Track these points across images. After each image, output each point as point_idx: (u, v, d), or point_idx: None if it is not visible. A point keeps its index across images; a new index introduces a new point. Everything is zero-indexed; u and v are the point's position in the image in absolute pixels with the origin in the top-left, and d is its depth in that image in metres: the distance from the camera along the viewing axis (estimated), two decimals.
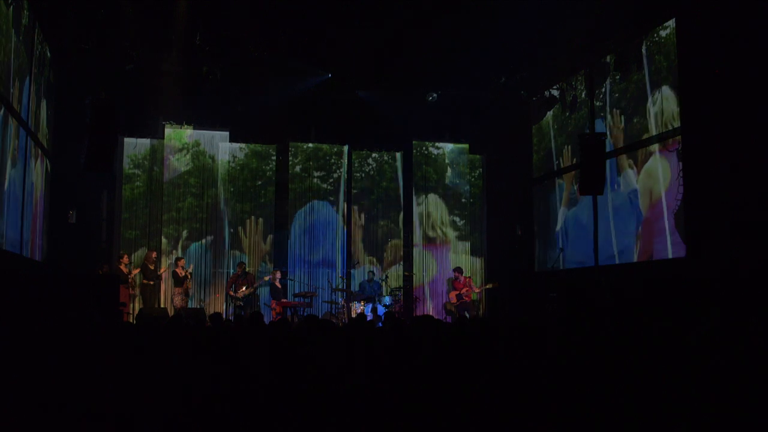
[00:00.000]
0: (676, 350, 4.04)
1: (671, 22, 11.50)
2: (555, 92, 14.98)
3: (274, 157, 16.25)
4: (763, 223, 9.02)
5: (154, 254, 14.48)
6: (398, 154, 17.04)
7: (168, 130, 15.44)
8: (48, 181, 13.01)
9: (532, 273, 15.76)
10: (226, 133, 15.88)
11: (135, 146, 15.39)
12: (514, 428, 3.40)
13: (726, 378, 3.58)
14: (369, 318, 13.70)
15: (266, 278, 15.10)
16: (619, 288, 11.81)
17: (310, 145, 16.51)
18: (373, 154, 16.95)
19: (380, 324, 11.52)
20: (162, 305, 14.29)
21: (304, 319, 6.61)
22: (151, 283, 14.11)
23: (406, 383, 3.72)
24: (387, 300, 15.11)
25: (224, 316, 14.30)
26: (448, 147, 17.21)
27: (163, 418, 3.76)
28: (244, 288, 14.45)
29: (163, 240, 15.25)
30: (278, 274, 15.02)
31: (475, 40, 13.28)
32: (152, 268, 14.18)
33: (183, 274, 14.33)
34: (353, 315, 14.17)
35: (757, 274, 8.71)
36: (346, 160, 16.70)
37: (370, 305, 14.73)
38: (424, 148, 17.08)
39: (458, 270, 15.70)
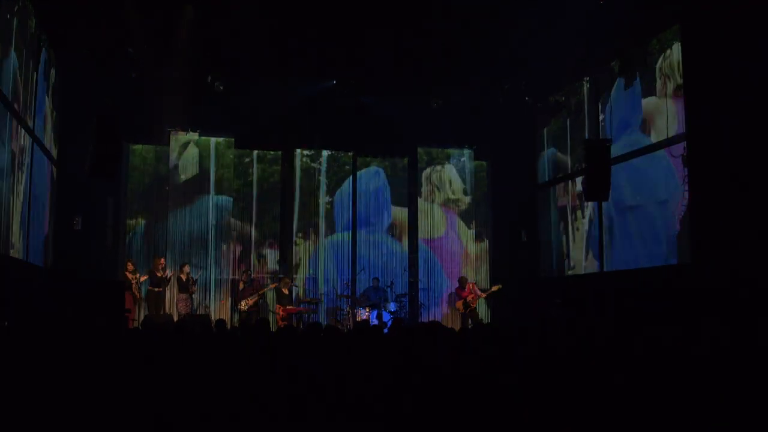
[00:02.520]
0: (681, 359, 4.03)
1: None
2: (560, 98, 14.97)
3: (279, 163, 16.33)
4: None
5: (162, 261, 14.49)
6: (404, 160, 17.05)
7: (173, 137, 15.48)
8: (54, 187, 13.05)
9: (537, 279, 15.73)
10: (232, 140, 15.94)
11: (141, 153, 15.48)
12: None
13: (732, 385, 3.57)
14: (374, 324, 13.69)
15: (272, 286, 15.09)
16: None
17: (315, 151, 16.57)
18: (379, 160, 16.97)
19: (386, 330, 11.52)
20: (168, 312, 14.30)
21: (308, 326, 6.61)
22: (157, 289, 14.12)
23: (411, 390, 3.72)
24: (392, 306, 15.09)
25: (230, 323, 14.32)
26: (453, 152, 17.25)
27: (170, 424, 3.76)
28: (250, 300, 14.41)
29: (169, 244, 15.29)
30: (287, 281, 15.03)
31: (479, 45, 13.29)
32: (159, 274, 14.19)
33: (187, 279, 14.34)
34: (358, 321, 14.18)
35: (764, 280, 8.67)
36: (351, 166, 16.73)
37: (375, 312, 14.71)
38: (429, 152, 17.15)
39: (461, 278, 15.54)
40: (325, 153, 16.62)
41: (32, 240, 11.21)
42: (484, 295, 15.33)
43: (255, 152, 16.29)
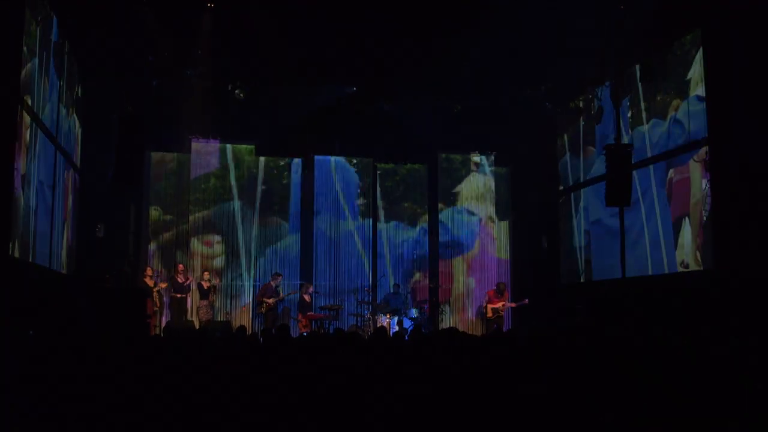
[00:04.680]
0: (703, 365, 3.99)
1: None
2: (580, 103, 14.88)
3: (300, 169, 16.40)
4: None
5: (180, 267, 14.57)
6: (423, 166, 17.06)
7: (194, 144, 15.59)
8: (77, 195, 13.17)
9: (558, 285, 15.62)
10: (252, 147, 16.02)
11: (162, 160, 15.60)
12: None
13: (754, 392, 3.53)
14: (395, 331, 13.66)
15: (293, 292, 15.15)
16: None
17: (336, 158, 16.61)
18: (399, 166, 16.99)
19: (407, 337, 11.48)
20: (190, 318, 14.37)
21: (333, 333, 6.62)
22: (179, 295, 14.20)
23: (429, 396, 3.70)
24: (413, 313, 15.05)
25: (250, 329, 14.36)
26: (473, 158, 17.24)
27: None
28: (271, 301, 14.45)
29: (190, 251, 15.39)
30: (310, 288, 15.06)
31: (499, 51, 13.25)
32: (179, 281, 14.27)
33: (208, 286, 14.40)
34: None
35: None
36: (371, 173, 16.75)
37: (396, 318, 14.68)
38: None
39: (501, 284, 15.51)
40: (345, 159, 16.69)
41: (55, 247, 11.32)
42: (514, 305, 15.30)
43: (276, 159, 16.36)
